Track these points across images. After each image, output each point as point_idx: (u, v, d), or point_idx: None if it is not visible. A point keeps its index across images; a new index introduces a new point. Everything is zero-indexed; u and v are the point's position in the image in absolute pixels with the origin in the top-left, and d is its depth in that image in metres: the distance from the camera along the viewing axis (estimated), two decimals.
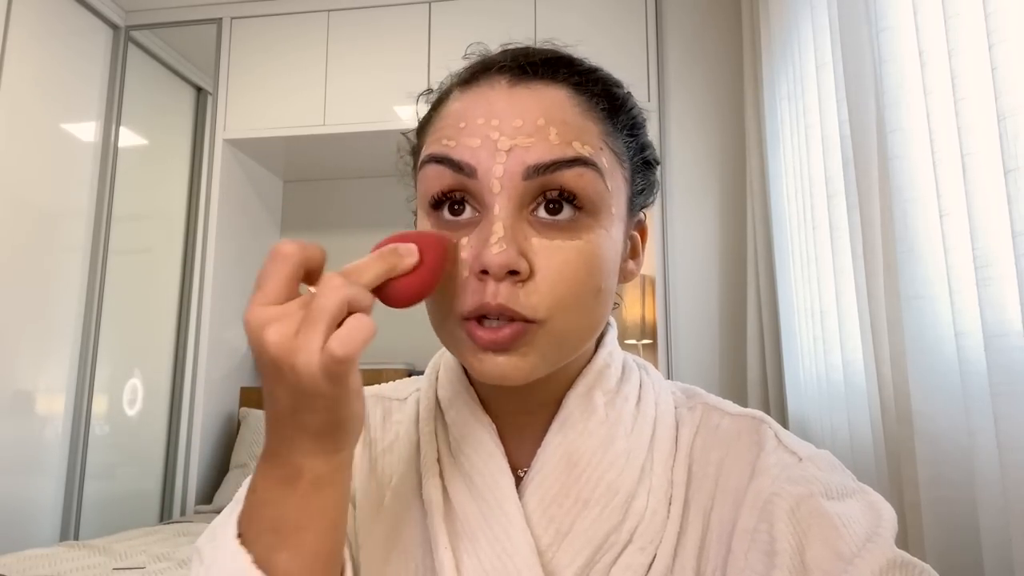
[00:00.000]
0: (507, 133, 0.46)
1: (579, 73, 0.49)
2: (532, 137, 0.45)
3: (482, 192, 0.46)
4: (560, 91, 0.48)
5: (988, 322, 0.82)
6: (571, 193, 0.46)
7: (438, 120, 0.50)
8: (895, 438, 1.10)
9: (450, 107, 0.49)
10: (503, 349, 0.46)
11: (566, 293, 0.46)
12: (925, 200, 1.01)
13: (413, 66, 2.58)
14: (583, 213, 0.47)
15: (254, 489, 0.44)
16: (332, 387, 0.39)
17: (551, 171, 0.45)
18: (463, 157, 0.46)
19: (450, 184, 0.47)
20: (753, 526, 0.46)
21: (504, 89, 0.48)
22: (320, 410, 0.40)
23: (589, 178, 0.46)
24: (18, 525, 2.23)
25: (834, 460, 0.49)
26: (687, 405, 0.56)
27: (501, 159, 0.45)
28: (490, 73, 0.49)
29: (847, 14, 1.25)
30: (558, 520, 0.49)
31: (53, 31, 2.44)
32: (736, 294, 2.34)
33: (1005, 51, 0.77)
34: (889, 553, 0.41)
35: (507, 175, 0.45)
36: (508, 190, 0.45)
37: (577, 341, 0.49)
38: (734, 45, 2.44)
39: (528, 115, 0.46)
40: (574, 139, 0.46)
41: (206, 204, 2.68)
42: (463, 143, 0.46)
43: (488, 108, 0.47)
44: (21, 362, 2.29)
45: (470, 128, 0.46)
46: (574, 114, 0.47)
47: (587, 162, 0.46)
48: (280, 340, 0.38)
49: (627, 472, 0.50)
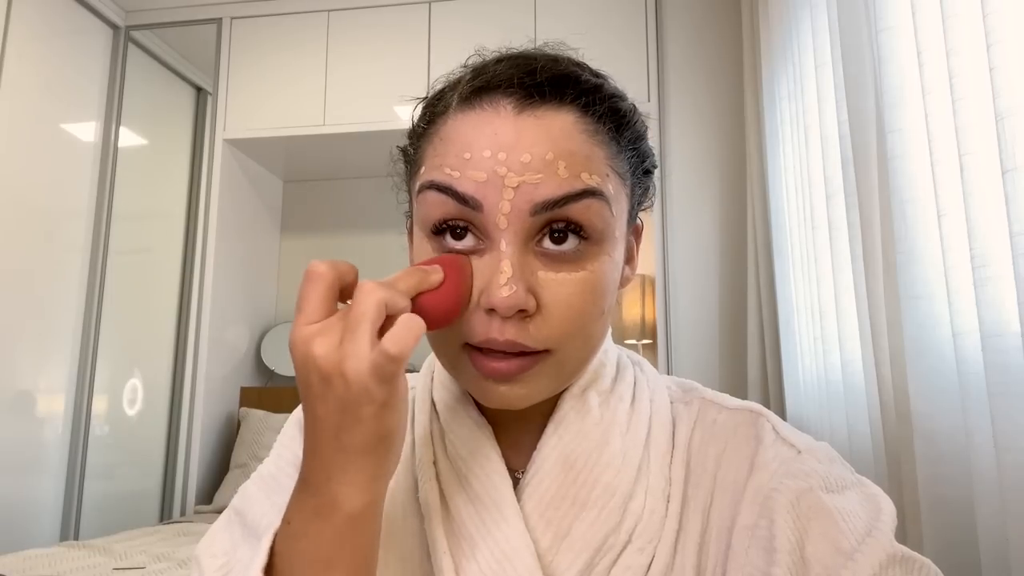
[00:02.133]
0: (515, 169, 0.44)
1: (585, 92, 0.47)
2: (540, 173, 0.44)
3: (487, 226, 0.45)
4: (568, 116, 0.46)
5: (986, 322, 0.82)
6: (577, 224, 0.45)
7: (438, 140, 0.48)
8: (894, 437, 1.10)
9: (452, 128, 0.47)
10: (507, 380, 0.46)
11: (573, 325, 0.46)
12: (924, 200, 1.01)
13: (413, 66, 2.58)
14: (588, 243, 0.46)
15: (288, 520, 0.44)
16: (382, 389, 0.39)
17: (560, 206, 0.45)
18: (468, 191, 0.45)
19: (453, 213, 0.46)
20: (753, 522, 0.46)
21: (510, 117, 0.46)
22: (366, 420, 0.40)
23: (596, 208, 0.46)
24: (18, 525, 2.23)
25: (832, 452, 0.49)
26: (683, 400, 0.56)
27: (508, 195, 0.44)
28: (494, 95, 0.47)
29: (847, 14, 1.25)
30: (556, 523, 0.49)
31: (53, 31, 2.44)
32: (736, 294, 2.34)
33: (1003, 51, 0.77)
34: (889, 548, 0.41)
35: (514, 211, 0.44)
36: (515, 225, 0.45)
37: (582, 363, 0.49)
38: (734, 45, 2.44)
39: (536, 149, 0.44)
40: (582, 170, 0.45)
41: (206, 204, 2.68)
42: (468, 175, 0.45)
43: (494, 139, 0.45)
44: (21, 362, 2.29)
45: (475, 160, 0.45)
46: (581, 141, 0.46)
47: (595, 192, 0.45)
48: (327, 351, 0.39)
49: (623, 472, 0.50)
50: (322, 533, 0.42)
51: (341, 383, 0.39)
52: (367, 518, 0.42)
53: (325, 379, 0.39)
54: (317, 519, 0.42)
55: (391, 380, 0.39)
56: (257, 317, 3.01)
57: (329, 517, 0.42)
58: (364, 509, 0.42)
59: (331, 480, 0.41)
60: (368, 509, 0.42)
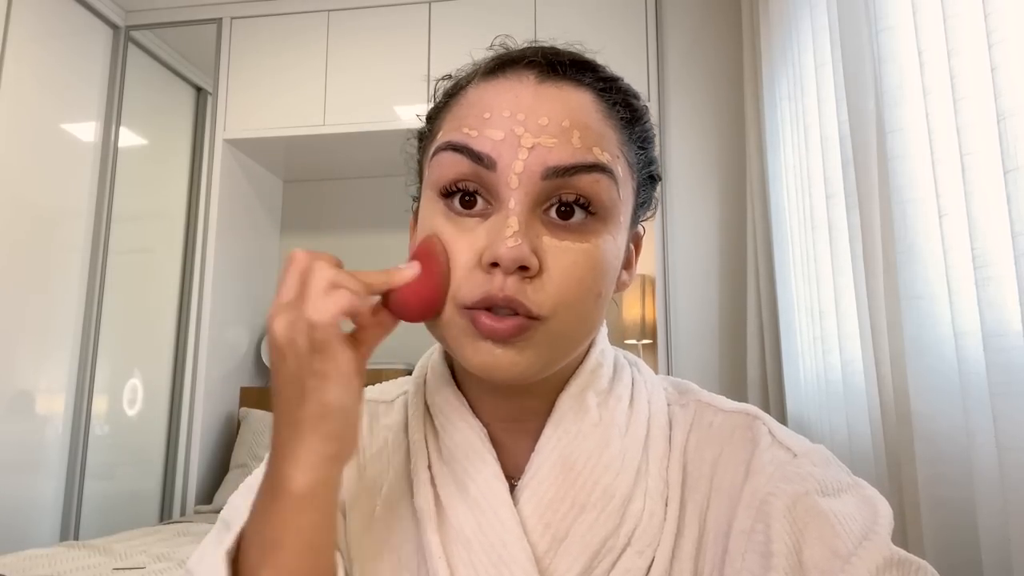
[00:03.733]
0: (532, 130, 0.46)
1: (603, 80, 0.50)
2: (556, 138, 0.46)
3: (498, 185, 0.46)
4: (585, 94, 0.48)
5: (987, 322, 0.82)
6: (586, 198, 0.46)
7: (457, 107, 0.49)
8: (894, 438, 1.10)
9: (472, 95, 0.49)
10: (503, 340, 0.45)
11: (571, 294, 0.46)
12: (924, 200, 1.01)
13: (413, 66, 2.58)
14: (594, 218, 0.47)
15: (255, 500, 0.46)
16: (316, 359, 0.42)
17: (570, 174, 0.45)
18: (484, 148, 0.46)
19: (465, 173, 0.47)
20: (750, 526, 0.45)
21: (532, 84, 0.47)
22: (309, 392, 0.42)
23: (604, 184, 0.47)
24: (18, 525, 2.23)
25: (828, 454, 0.49)
26: (679, 402, 0.56)
27: (523, 155, 0.45)
28: (518, 67, 0.49)
29: (847, 14, 1.25)
30: (554, 526, 0.49)
31: (53, 31, 2.44)
32: (736, 294, 2.34)
33: (1005, 51, 0.77)
34: (886, 551, 0.41)
35: (526, 172, 0.45)
36: (526, 186, 0.45)
37: (573, 342, 0.49)
38: (734, 45, 2.44)
39: (554, 115, 0.46)
40: (595, 144, 0.46)
41: (206, 204, 2.68)
42: (486, 134, 0.46)
43: (515, 101, 0.47)
44: (21, 362, 2.29)
45: (495, 119, 0.46)
46: (597, 119, 0.48)
47: (605, 168, 0.46)
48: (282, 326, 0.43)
49: (623, 474, 0.50)
50: (271, 512, 0.44)
51: (291, 354, 0.42)
52: (312, 500, 0.43)
53: (279, 352, 0.43)
54: (269, 499, 0.44)
55: (323, 349, 0.42)
56: (257, 317, 3.01)
57: (277, 497, 0.43)
58: (308, 490, 0.43)
59: (283, 459, 0.43)
60: (313, 491, 0.43)
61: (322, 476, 0.44)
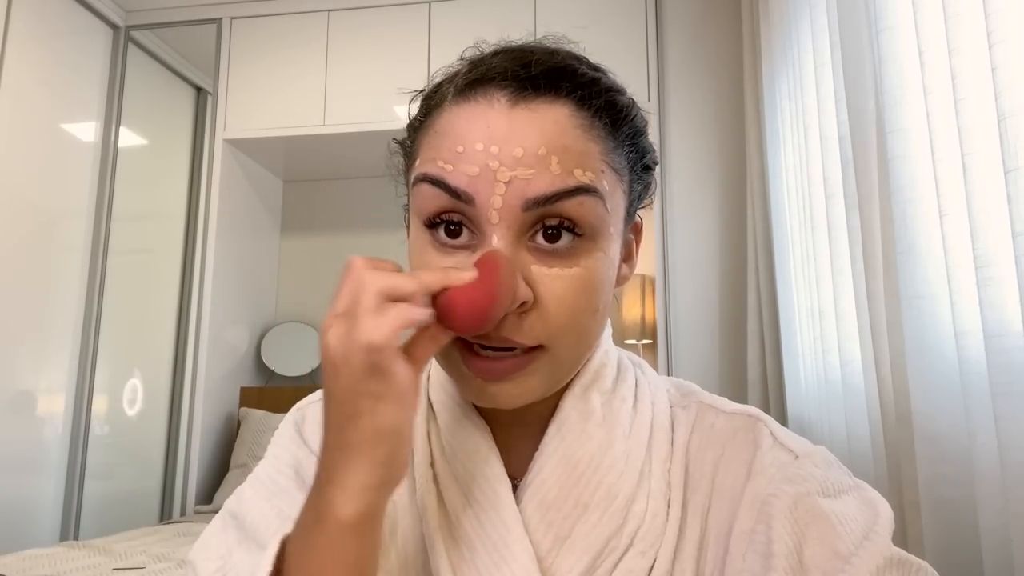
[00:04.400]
0: (507, 164, 0.44)
1: (581, 86, 0.47)
2: (532, 168, 0.44)
3: (480, 220, 0.45)
4: (562, 109, 0.46)
5: (988, 322, 0.82)
6: (571, 221, 0.45)
7: (433, 133, 0.47)
8: (895, 438, 1.10)
9: (446, 121, 0.47)
10: (499, 379, 0.46)
11: (566, 320, 0.45)
12: (925, 200, 1.01)
13: (413, 66, 2.58)
14: (582, 239, 0.46)
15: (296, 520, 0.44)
16: (373, 381, 0.39)
17: (551, 202, 0.44)
18: (460, 184, 0.44)
19: (446, 207, 0.45)
20: (751, 527, 0.45)
21: (504, 109, 0.45)
22: (363, 414, 0.39)
23: (590, 205, 0.45)
24: (18, 525, 2.23)
25: (830, 456, 0.49)
26: (681, 404, 0.56)
27: (500, 190, 0.44)
28: (489, 87, 0.46)
29: (847, 14, 1.25)
30: (557, 526, 0.49)
31: (53, 31, 2.44)
32: (736, 294, 2.34)
33: (1005, 51, 0.77)
34: (886, 551, 0.41)
35: (506, 206, 0.44)
36: (507, 220, 0.44)
37: (575, 363, 0.49)
38: (734, 45, 2.44)
39: (529, 143, 0.44)
40: (575, 166, 0.44)
41: (206, 204, 2.68)
42: (460, 169, 0.44)
43: (487, 132, 0.44)
44: (21, 362, 2.29)
45: (468, 154, 0.44)
46: (575, 136, 0.45)
47: (588, 190, 0.45)
48: (336, 340, 0.39)
49: (626, 475, 0.50)
50: (316, 539, 0.41)
51: (344, 372, 0.39)
52: (359, 528, 0.41)
53: (332, 368, 0.40)
54: (314, 523, 0.42)
55: (381, 371, 0.39)
56: (257, 317, 3.01)
57: (323, 522, 0.41)
58: (356, 519, 0.41)
59: (330, 482, 0.41)
60: (360, 519, 0.41)
61: (370, 505, 0.41)
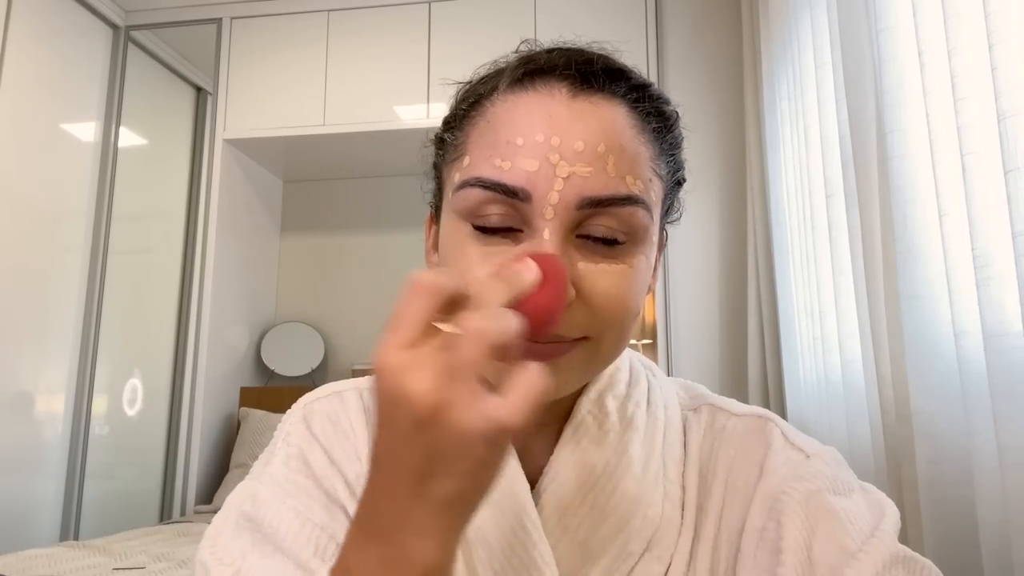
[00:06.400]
0: (567, 157, 0.43)
1: (635, 88, 0.47)
2: (591, 166, 0.43)
3: (532, 216, 0.44)
4: (619, 108, 0.46)
5: (988, 322, 0.82)
6: (620, 227, 0.45)
7: (485, 125, 0.46)
8: (895, 438, 1.10)
9: (501, 109, 0.46)
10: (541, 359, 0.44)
11: (610, 316, 0.45)
12: (925, 200, 1.01)
13: (413, 66, 2.58)
14: (628, 243, 0.46)
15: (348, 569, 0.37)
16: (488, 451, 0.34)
17: (604, 205, 0.44)
18: (518, 183, 0.43)
19: (497, 206, 0.44)
20: (762, 524, 0.46)
21: (565, 100, 0.45)
22: (460, 476, 0.34)
23: (639, 216, 0.45)
24: (18, 525, 2.23)
25: (839, 456, 0.49)
26: (692, 407, 0.56)
27: (559, 186, 0.43)
28: (549, 78, 0.46)
29: (847, 14, 1.25)
30: (574, 529, 0.49)
31: (53, 31, 2.44)
32: (736, 294, 2.34)
33: (1005, 51, 0.77)
34: (892, 548, 0.42)
35: (562, 202, 0.43)
36: (561, 216, 0.44)
37: (609, 360, 0.49)
38: (734, 45, 2.44)
39: (590, 138, 0.44)
40: (628, 172, 0.44)
41: (206, 204, 2.68)
42: (519, 165, 0.43)
43: (548, 122, 0.44)
44: (21, 362, 2.29)
45: (528, 146, 0.43)
46: (630, 137, 0.45)
47: (638, 201, 0.45)
48: (424, 391, 0.33)
49: (642, 479, 0.50)
50: None
51: (439, 432, 0.33)
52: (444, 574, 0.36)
53: (418, 423, 0.33)
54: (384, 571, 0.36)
55: (501, 447, 0.34)
56: (257, 317, 3.01)
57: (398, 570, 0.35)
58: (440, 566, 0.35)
59: (405, 530, 0.35)
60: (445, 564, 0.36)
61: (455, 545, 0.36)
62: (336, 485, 0.52)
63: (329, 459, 0.53)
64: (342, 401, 0.57)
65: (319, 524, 0.49)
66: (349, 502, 0.52)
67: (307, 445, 0.54)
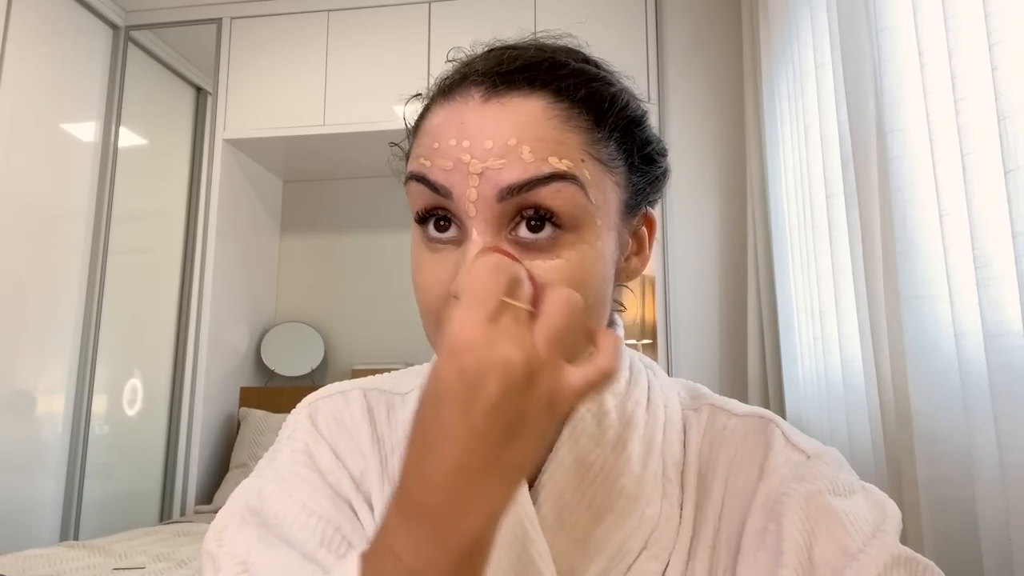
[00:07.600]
0: (478, 156, 0.44)
1: (560, 78, 0.47)
2: (503, 159, 0.44)
3: (459, 214, 0.45)
4: (537, 103, 0.46)
5: (988, 322, 0.82)
6: (548, 211, 0.44)
7: (419, 132, 0.49)
8: (895, 438, 1.10)
9: (428, 121, 0.49)
10: None
11: None
12: (925, 200, 1.01)
13: (413, 66, 2.58)
14: (563, 230, 0.45)
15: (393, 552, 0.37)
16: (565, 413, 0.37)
17: (526, 190, 0.44)
18: (438, 179, 0.45)
19: (431, 203, 0.46)
20: (762, 526, 0.46)
21: (477, 105, 0.46)
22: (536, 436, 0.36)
23: (568, 194, 0.44)
24: (18, 525, 2.23)
25: (841, 457, 0.49)
26: (692, 407, 0.56)
27: (474, 183, 0.44)
28: (465, 85, 0.47)
29: (847, 14, 1.25)
30: (571, 527, 0.49)
31: (53, 31, 2.44)
32: (736, 294, 2.34)
33: (1005, 51, 0.77)
34: (894, 549, 0.42)
35: (481, 199, 0.44)
36: (483, 213, 0.44)
37: None
38: (734, 45, 2.44)
39: (499, 135, 0.44)
40: (550, 154, 0.44)
41: (206, 204, 2.68)
42: (437, 164, 0.45)
43: (459, 128, 0.45)
44: (21, 362, 2.29)
45: (443, 149, 0.45)
46: (550, 127, 0.45)
47: (565, 176, 0.44)
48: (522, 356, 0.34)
49: (640, 478, 0.50)
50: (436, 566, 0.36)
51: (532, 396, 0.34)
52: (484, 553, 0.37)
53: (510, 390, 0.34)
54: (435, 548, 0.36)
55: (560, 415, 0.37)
56: (257, 317, 3.01)
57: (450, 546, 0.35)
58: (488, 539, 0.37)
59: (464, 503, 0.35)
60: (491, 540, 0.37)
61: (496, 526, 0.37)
62: (342, 480, 0.53)
63: (335, 455, 0.54)
64: (346, 400, 0.58)
65: (324, 516, 0.50)
66: (354, 497, 0.52)
67: (312, 441, 0.55)
